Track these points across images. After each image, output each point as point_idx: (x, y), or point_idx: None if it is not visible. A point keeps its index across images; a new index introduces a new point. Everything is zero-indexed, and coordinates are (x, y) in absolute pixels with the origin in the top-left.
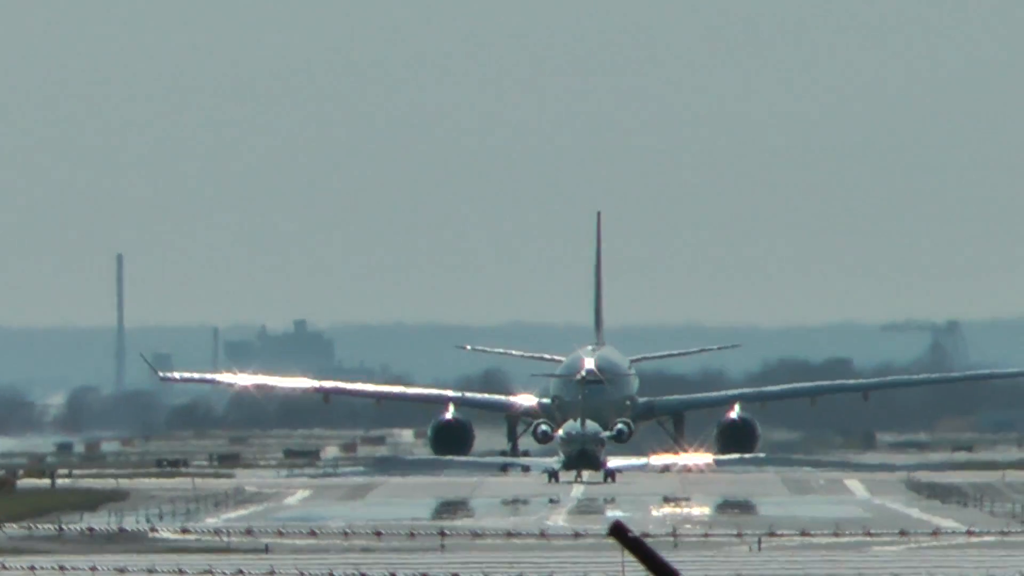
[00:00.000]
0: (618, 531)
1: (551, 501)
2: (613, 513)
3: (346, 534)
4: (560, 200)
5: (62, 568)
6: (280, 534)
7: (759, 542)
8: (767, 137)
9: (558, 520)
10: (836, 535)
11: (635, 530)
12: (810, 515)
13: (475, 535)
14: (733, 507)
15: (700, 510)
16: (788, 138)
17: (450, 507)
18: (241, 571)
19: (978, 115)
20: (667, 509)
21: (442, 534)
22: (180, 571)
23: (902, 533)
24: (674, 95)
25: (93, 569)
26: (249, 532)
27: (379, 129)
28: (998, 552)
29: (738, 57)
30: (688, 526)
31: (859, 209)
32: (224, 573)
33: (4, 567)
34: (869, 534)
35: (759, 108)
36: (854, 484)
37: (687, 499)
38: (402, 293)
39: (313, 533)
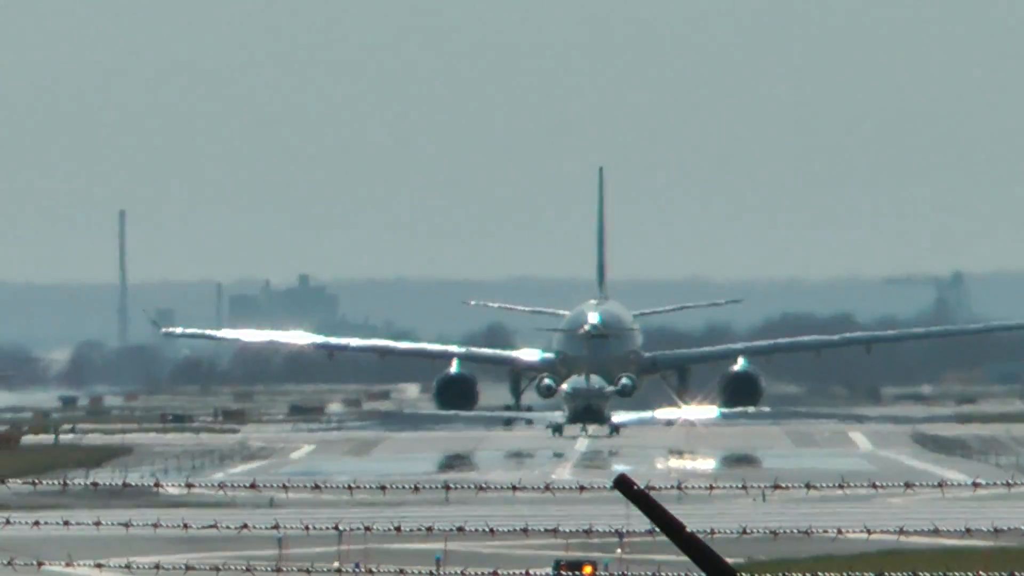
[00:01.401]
0: (623, 484)
1: (556, 455)
2: (618, 466)
3: (351, 488)
4: (563, 156)
5: (67, 523)
6: (285, 488)
7: (763, 495)
8: (768, 94)
9: (563, 473)
10: (841, 487)
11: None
12: (815, 467)
13: (480, 488)
14: (738, 460)
15: (705, 463)
16: (787, 94)
17: (455, 461)
18: (246, 525)
19: (978, 61)
20: (672, 462)
21: (447, 488)
22: (185, 526)
23: (907, 485)
24: (678, 54)
25: (98, 524)
26: (254, 487)
27: (379, 87)
28: (1003, 504)
29: (727, 21)
30: (693, 479)
31: (862, 163)
32: (229, 527)
33: (8, 522)
34: (875, 486)
35: (759, 68)
36: (858, 437)
37: (692, 452)
38: (406, 248)
39: (318, 487)
